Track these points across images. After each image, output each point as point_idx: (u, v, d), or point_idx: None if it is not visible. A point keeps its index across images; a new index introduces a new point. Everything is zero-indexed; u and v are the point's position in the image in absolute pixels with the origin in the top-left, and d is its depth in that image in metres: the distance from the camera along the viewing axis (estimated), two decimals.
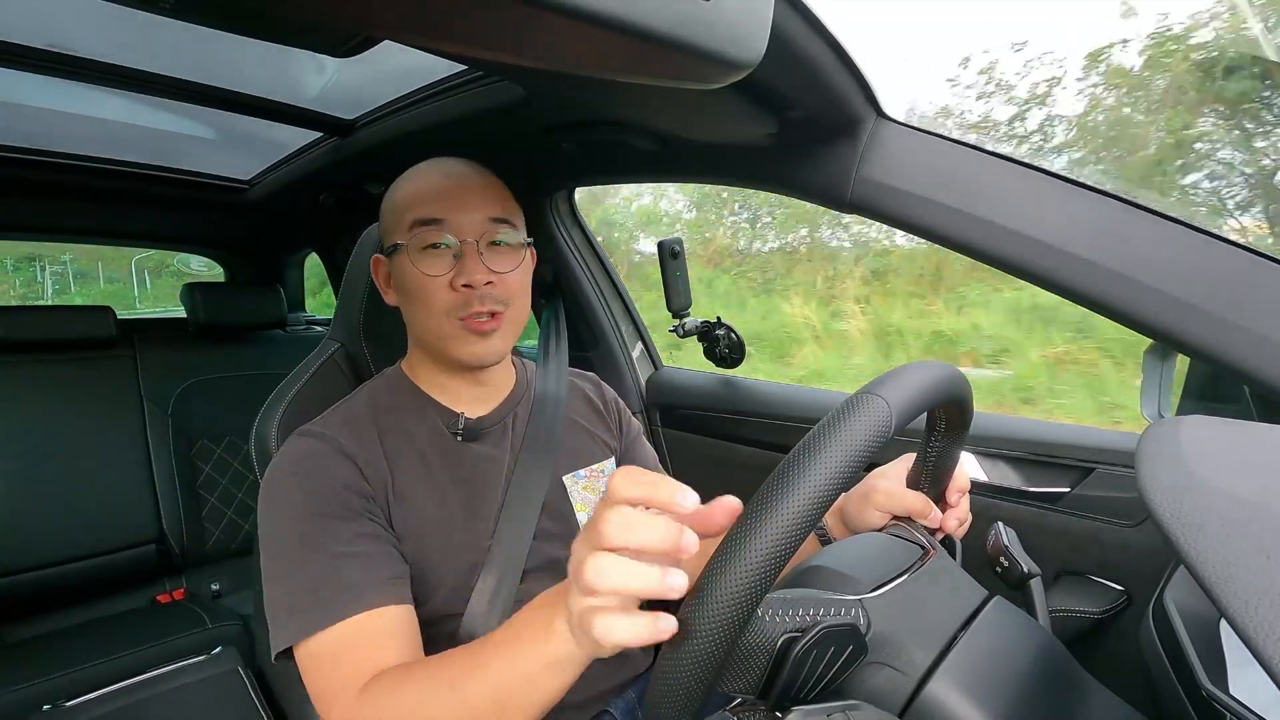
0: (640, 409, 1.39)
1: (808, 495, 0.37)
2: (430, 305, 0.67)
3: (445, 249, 0.67)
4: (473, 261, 0.67)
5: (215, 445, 1.79)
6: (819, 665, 0.43)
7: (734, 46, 0.40)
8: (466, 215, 0.67)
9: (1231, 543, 0.27)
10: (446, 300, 0.67)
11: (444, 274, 0.66)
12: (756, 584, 0.36)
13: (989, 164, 0.69)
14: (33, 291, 9.80)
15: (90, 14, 0.86)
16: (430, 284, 0.67)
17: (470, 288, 0.66)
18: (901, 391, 0.43)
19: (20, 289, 9.70)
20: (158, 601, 1.68)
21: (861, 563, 0.53)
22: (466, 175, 0.71)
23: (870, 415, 0.40)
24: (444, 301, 0.67)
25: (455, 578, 0.69)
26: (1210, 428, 0.37)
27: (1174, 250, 0.60)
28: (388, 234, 0.71)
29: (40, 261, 9.98)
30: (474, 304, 0.67)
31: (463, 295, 0.67)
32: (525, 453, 0.77)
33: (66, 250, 9.12)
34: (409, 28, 0.36)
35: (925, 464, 0.63)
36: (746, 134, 0.79)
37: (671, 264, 1.25)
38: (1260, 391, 0.57)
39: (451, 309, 0.67)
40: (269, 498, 0.65)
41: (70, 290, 9.95)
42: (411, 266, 0.67)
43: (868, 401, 0.41)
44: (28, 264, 9.98)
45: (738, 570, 0.36)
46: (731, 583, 0.36)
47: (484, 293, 0.67)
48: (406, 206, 0.68)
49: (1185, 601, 0.57)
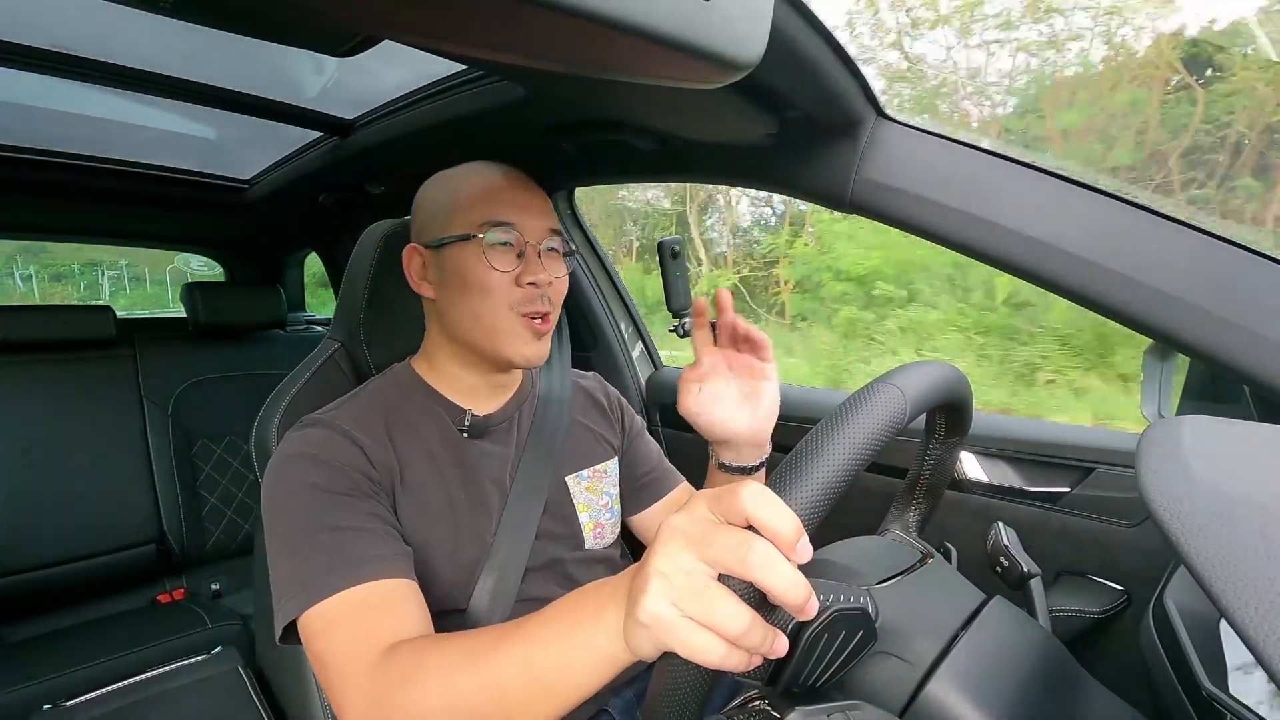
0: (640, 409, 1.39)
1: (827, 476, 0.37)
2: (494, 298, 0.69)
3: (510, 248, 0.70)
4: (536, 262, 0.70)
5: (215, 445, 1.79)
6: (830, 650, 0.42)
7: (734, 46, 0.40)
8: (533, 221, 0.71)
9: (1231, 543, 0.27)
10: (511, 295, 0.70)
11: (511, 270, 0.70)
12: None
13: (989, 164, 0.68)
14: (93, 293, 11.39)
15: (90, 14, 0.86)
16: (498, 279, 0.69)
17: (535, 286, 0.70)
18: (916, 384, 0.43)
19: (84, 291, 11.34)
20: (158, 601, 1.68)
21: (865, 559, 0.53)
22: (529, 185, 0.74)
23: (888, 402, 0.41)
24: (509, 296, 0.70)
25: (457, 574, 0.70)
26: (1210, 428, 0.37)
27: (1174, 250, 0.60)
28: (440, 228, 0.71)
29: (100, 266, 11.59)
30: (535, 302, 0.70)
31: (525, 292, 0.70)
32: (529, 452, 0.78)
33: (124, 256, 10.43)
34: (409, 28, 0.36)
35: (922, 469, 0.63)
36: (746, 134, 0.79)
37: (671, 264, 1.25)
38: (1260, 391, 0.57)
39: (515, 304, 0.70)
40: (275, 479, 0.65)
41: (126, 291, 11.63)
42: (480, 260, 0.69)
43: (886, 390, 0.42)
44: (90, 269, 11.58)
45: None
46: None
47: (545, 292, 0.71)
48: (474, 204, 0.70)
49: (1185, 601, 0.57)
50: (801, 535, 0.35)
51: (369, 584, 0.58)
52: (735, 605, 0.35)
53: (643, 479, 0.90)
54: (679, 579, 0.36)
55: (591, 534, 0.81)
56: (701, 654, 0.35)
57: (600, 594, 0.43)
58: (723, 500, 0.37)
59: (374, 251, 0.85)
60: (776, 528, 0.35)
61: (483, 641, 0.49)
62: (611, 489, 0.85)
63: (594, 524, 0.81)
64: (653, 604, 0.36)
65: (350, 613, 0.56)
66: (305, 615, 0.57)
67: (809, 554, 0.35)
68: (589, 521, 0.81)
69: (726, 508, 0.36)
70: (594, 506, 0.82)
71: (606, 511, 0.83)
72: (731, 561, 0.35)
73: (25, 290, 10.53)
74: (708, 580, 0.36)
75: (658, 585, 0.36)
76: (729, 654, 0.35)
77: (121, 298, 11.38)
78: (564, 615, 0.45)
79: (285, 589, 0.59)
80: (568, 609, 0.45)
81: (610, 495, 0.84)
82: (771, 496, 0.36)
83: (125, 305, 10.64)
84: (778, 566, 0.34)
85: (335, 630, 0.56)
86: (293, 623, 0.59)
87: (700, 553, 0.36)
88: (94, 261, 11.34)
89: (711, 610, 0.35)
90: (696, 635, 0.35)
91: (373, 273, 0.85)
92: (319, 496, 0.62)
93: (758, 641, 0.35)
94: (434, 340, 0.77)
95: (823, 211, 5.62)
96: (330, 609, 0.57)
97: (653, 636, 0.37)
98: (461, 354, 0.75)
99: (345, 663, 0.54)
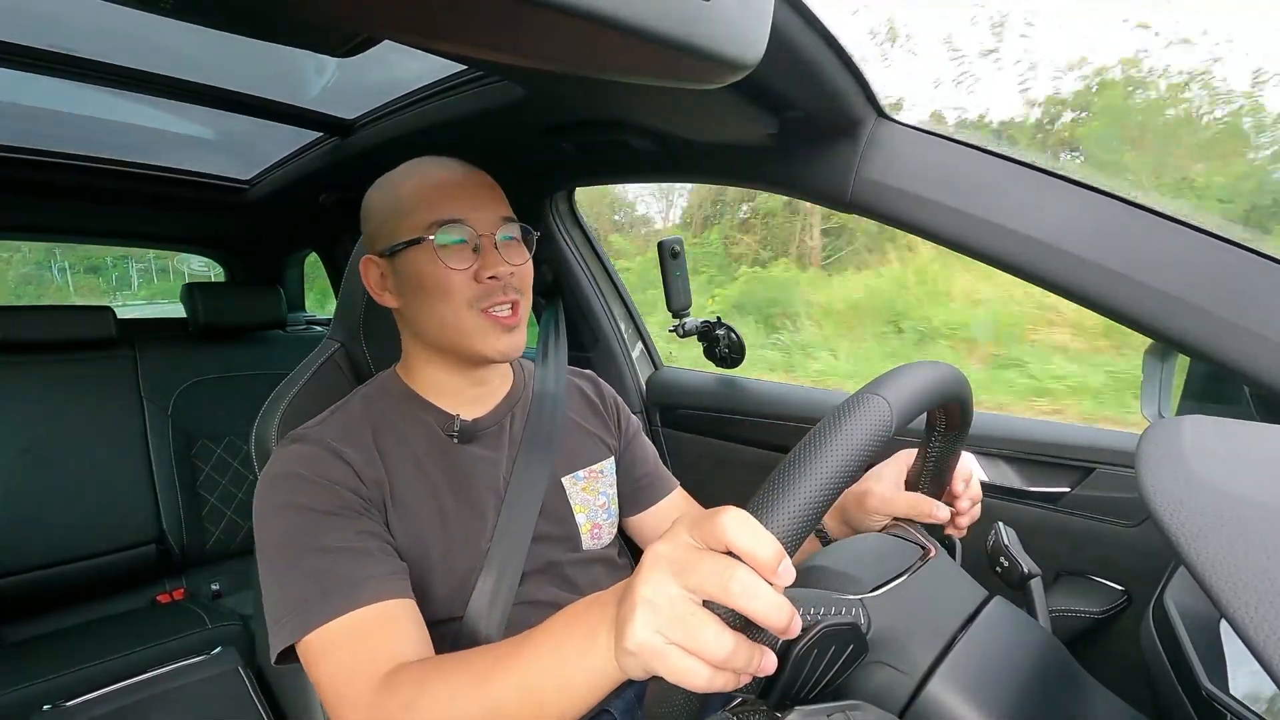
0: (640, 409, 1.39)
1: (807, 497, 0.37)
2: (454, 299, 0.68)
3: (464, 245, 0.68)
4: (493, 255, 0.69)
5: (215, 445, 1.79)
6: (820, 664, 0.43)
7: (734, 46, 0.40)
8: (483, 214, 0.69)
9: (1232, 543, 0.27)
10: (470, 293, 0.68)
11: (466, 268, 0.68)
12: None
13: (989, 164, 0.68)
14: (123, 283, 12.53)
15: (90, 14, 0.86)
16: (454, 278, 0.68)
17: (495, 279, 0.69)
18: (902, 391, 0.43)
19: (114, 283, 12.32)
20: (158, 601, 1.68)
21: (862, 562, 0.53)
22: (474, 175, 0.72)
23: (871, 415, 0.40)
24: (468, 294, 0.68)
25: (454, 580, 0.69)
26: (1210, 428, 0.37)
27: (1174, 250, 0.60)
28: (389, 235, 0.70)
29: (130, 260, 12.50)
30: (497, 294, 0.69)
31: (486, 287, 0.69)
32: (523, 454, 0.77)
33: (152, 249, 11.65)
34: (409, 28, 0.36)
35: (925, 464, 0.63)
36: (746, 134, 0.79)
37: (671, 264, 1.25)
38: (1260, 391, 0.57)
39: (474, 300, 0.69)
40: (265, 500, 0.65)
41: (153, 282, 12.59)
42: (434, 262, 0.68)
43: (868, 401, 0.41)
44: (122, 261, 12.36)
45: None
46: None
47: (507, 282, 0.69)
48: (418, 206, 0.69)
49: (1185, 601, 0.57)
50: (782, 559, 0.35)
51: (366, 607, 0.58)
52: (719, 631, 0.35)
53: (640, 481, 0.89)
54: (664, 606, 0.37)
55: (589, 535, 0.80)
56: (689, 678, 0.36)
57: (590, 616, 0.44)
58: (703, 526, 0.37)
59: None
60: (756, 554, 0.35)
61: (483, 663, 0.50)
62: (608, 489, 0.85)
63: (591, 525, 0.81)
64: (639, 632, 0.37)
65: (349, 637, 0.57)
66: (303, 641, 0.58)
67: (791, 577, 0.36)
68: (586, 523, 0.80)
69: (707, 534, 0.37)
70: (591, 507, 0.81)
71: (604, 512, 0.83)
72: (713, 588, 0.35)
73: (60, 283, 11.32)
74: (692, 607, 0.36)
75: (643, 614, 0.37)
76: (714, 676, 0.36)
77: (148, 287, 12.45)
78: (558, 638, 0.46)
79: (280, 612, 0.59)
80: (561, 630, 0.46)
81: (607, 495, 0.84)
82: (751, 522, 0.36)
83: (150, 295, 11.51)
84: (759, 592, 0.35)
85: (335, 654, 0.56)
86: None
87: (684, 580, 0.37)
88: (126, 254, 12.03)
89: (695, 637, 0.36)
90: (682, 661, 0.36)
91: None
92: (309, 517, 0.62)
93: (744, 663, 0.36)
94: (410, 347, 0.77)
95: None
96: (329, 634, 0.57)
97: (641, 662, 0.38)
98: (438, 358, 0.74)
99: (346, 688, 0.55)
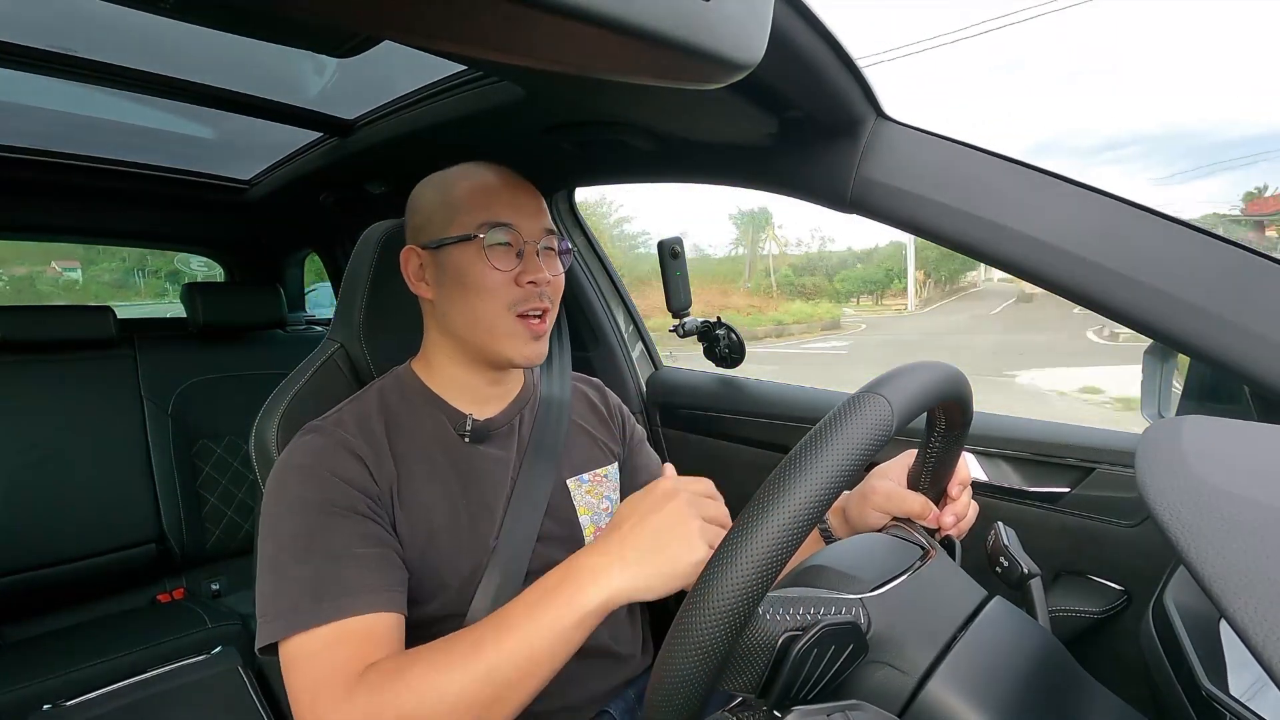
0: (640, 409, 1.39)
1: (807, 495, 0.37)
2: (492, 298, 0.70)
3: (509, 248, 0.71)
4: (535, 261, 0.72)
5: (215, 445, 1.79)
6: (819, 664, 0.43)
7: (734, 46, 0.40)
8: (530, 222, 0.72)
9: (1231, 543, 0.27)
10: (508, 295, 0.71)
11: (511, 269, 0.71)
12: (757, 583, 0.36)
13: (989, 164, 0.68)
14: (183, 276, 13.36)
15: (90, 14, 0.86)
16: (497, 277, 0.70)
17: (535, 284, 0.71)
18: (903, 391, 0.43)
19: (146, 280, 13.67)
20: (158, 601, 1.68)
21: (862, 562, 0.53)
22: (525, 185, 0.75)
23: (872, 414, 0.40)
24: (506, 297, 0.71)
25: (459, 578, 0.70)
26: (1210, 428, 0.37)
27: (1174, 250, 0.60)
28: (438, 229, 0.72)
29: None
30: (533, 300, 0.71)
31: (524, 291, 0.71)
32: (530, 455, 0.78)
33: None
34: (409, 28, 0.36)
35: (925, 463, 0.63)
36: (746, 134, 0.79)
37: (671, 264, 1.25)
38: (1260, 391, 0.57)
39: (512, 304, 0.71)
40: (276, 489, 0.65)
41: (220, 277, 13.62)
42: (480, 259, 0.70)
43: (869, 400, 0.41)
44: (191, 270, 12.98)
45: (738, 569, 0.36)
46: (732, 581, 0.36)
47: (544, 290, 0.72)
48: (472, 205, 0.71)
49: (1185, 601, 0.57)
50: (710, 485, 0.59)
51: (353, 618, 0.58)
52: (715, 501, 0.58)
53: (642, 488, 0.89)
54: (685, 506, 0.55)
55: (591, 537, 0.80)
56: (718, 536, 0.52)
57: (590, 560, 0.55)
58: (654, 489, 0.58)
59: (374, 252, 0.85)
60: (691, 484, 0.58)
61: (473, 639, 0.54)
62: (612, 493, 0.85)
63: (594, 527, 0.81)
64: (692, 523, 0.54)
65: (326, 646, 0.57)
66: (286, 642, 0.58)
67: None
68: (589, 525, 0.81)
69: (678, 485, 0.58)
70: (595, 510, 0.82)
71: (607, 515, 0.83)
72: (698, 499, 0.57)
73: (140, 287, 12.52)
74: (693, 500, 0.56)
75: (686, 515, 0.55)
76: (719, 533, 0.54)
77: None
78: (558, 589, 0.54)
79: (270, 607, 0.59)
80: (561, 581, 0.54)
81: (611, 500, 0.84)
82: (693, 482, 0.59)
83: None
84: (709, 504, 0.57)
85: (312, 661, 0.57)
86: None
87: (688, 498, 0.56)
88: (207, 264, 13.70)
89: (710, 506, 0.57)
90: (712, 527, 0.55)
91: (372, 273, 0.85)
92: (316, 515, 0.62)
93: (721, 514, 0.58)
94: (433, 341, 0.77)
95: None
96: (311, 640, 0.57)
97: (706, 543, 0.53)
98: (460, 354, 0.75)
99: (310, 696, 0.55)
